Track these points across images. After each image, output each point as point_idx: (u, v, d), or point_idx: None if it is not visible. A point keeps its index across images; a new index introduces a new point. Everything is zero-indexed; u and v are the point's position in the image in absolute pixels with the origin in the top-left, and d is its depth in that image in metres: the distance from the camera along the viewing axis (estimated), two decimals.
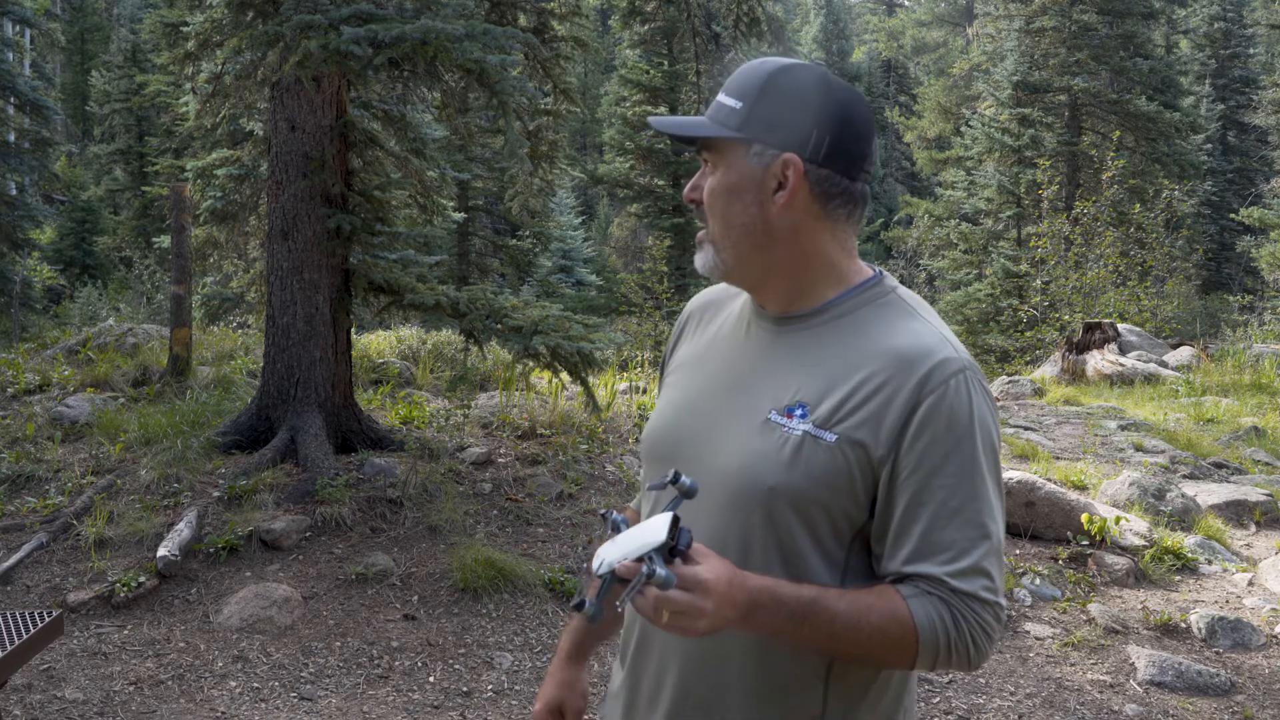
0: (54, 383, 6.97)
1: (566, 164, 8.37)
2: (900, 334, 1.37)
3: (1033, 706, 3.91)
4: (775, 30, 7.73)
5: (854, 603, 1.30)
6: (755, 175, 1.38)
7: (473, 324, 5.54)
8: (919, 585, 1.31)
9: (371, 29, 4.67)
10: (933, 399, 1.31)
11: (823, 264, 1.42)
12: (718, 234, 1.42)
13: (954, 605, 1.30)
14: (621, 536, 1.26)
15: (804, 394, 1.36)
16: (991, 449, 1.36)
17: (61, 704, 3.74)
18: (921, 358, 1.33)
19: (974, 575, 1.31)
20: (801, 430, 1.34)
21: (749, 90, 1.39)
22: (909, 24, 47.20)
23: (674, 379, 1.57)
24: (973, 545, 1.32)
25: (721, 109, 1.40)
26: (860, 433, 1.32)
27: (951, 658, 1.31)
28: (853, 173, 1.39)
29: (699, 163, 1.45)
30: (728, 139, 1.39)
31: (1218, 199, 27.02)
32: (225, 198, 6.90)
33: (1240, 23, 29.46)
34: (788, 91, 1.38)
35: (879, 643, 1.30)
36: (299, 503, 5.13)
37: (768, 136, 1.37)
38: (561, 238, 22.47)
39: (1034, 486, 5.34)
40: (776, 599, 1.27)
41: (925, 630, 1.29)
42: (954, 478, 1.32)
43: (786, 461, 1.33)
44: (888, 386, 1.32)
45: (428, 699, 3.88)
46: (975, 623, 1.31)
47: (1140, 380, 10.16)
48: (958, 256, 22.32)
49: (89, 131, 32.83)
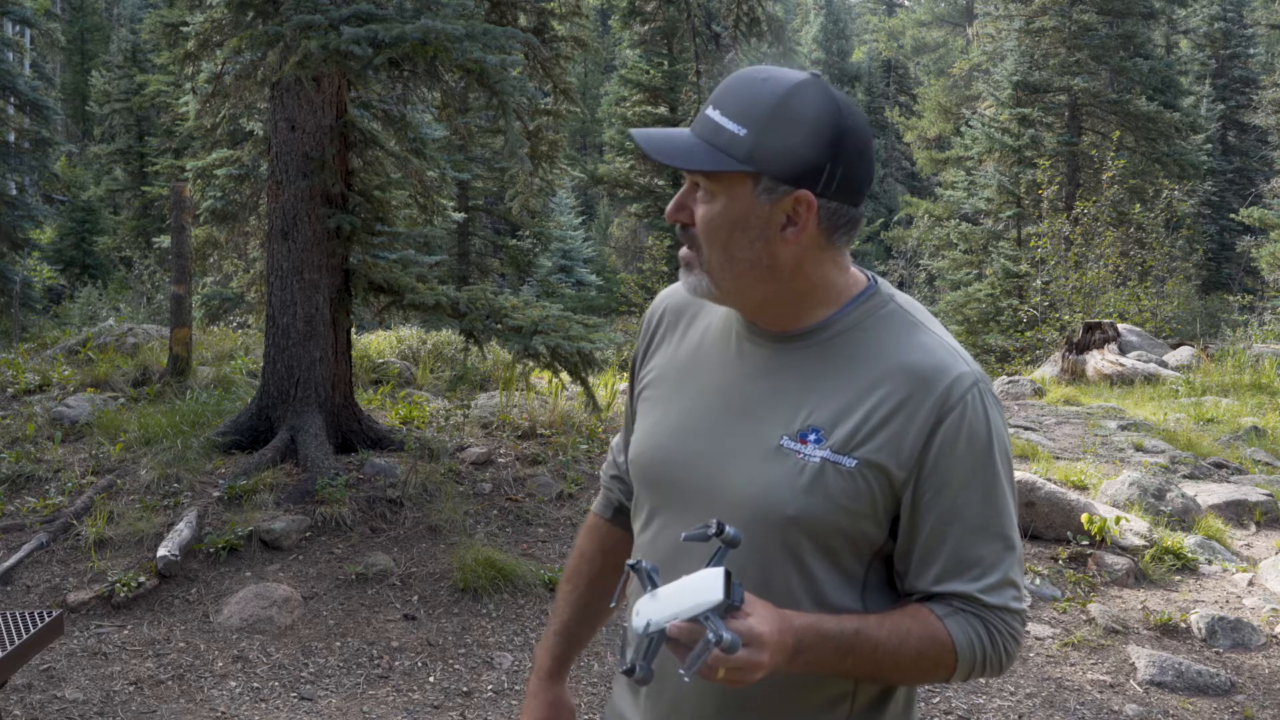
0: (54, 383, 6.97)
1: (566, 164, 8.37)
2: (910, 349, 1.34)
3: (1033, 706, 3.91)
4: (775, 30, 7.73)
5: (894, 629, 1.30)
6: (763, 211, 1.30)
7: (473, 324, 5.54)
8: (952, 604, 1.32)
9: (371, 29, 4.67)
10: (953, 417, 1.30)
11: (824, 287, 1.37)
12: (715, 263, 1.34)
13: (988, 620, 1.32)
14: (663, 592, 1.19)
15: (816, 418, 1.32)
16: (1008, 460, 1.35)
17: (61, 704, 3.74)
18: (936, 375, 1.31)
19: (1004, 588, 1.32)
20: (820, 457, 1.30)
21: (755, 115, 1.28)
22: (909, 24, 47.19)
23: (658, 393, 1.49)
24: (999, 559, 1.33)
25: (722, 133, 1.29)
26: (880, 455, 1.30)
27: (986, 669, 1.34)
28: (859, 200, 1.34)
29: None
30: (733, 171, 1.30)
31: (1218, 199, 27.01)
32: (225, 198, 6.90)
33: (1240, 23, 29.45)
34: (799, 120, 1.28)
35: (919, 665, 1.31)
36: (299, 503, 5.13)
37: (779, 171, 1.29)
38: (561, 238, 22.47)
39: (1034, 486, 5.34)
40: (822, 636, 1.26)
41: (964, 649, 1.31)
42: (979, 495, 1.32)
43: (805, 489, 1.30)
44: (906, 407, 1.30)
45: (428, 699, 3.88)
46: (1007, 633, 1.33)
47: (1140, 380, 10.16)
48: (958, 256, 22.31)
49: (89, 131, 32.83)
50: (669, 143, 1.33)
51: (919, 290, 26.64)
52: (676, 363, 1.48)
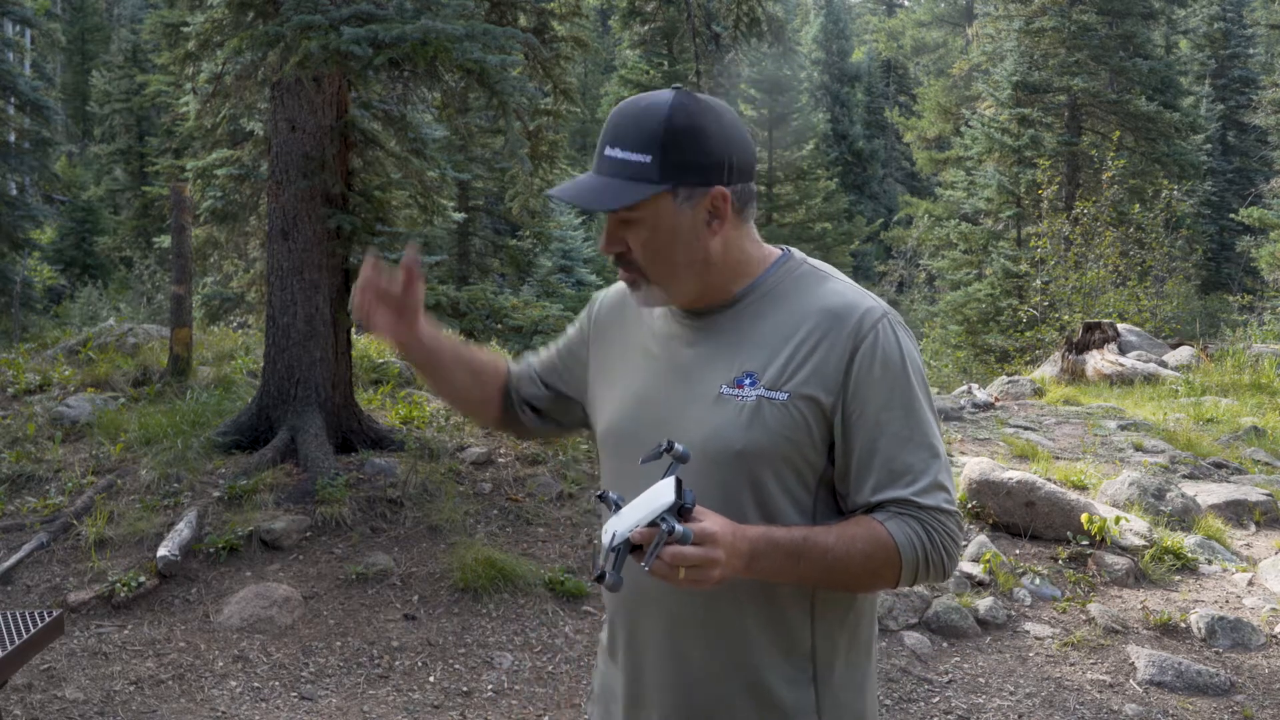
0: (54, 383, 6.97)
1: (566, 164, 8.37)
2: (824, 295, 1.52)
3: (1032, 706, 3.91)
4: (775, 30, 7.72)
5: (840, 535, 1.44)
6: (687, 217, 1.48)
7: (473, 324, 5.55)
8: (890, 510, 1.46)
9: (372, 29, 4.67)
10: (866, 344, 1.47)
11: (744, 261, 1.55)
12: (661, 275, 1.51)
13: (924, 520, 1.46)
14: (626, 509, 1.34)
15: (748, 365, 1.49)
16: (922, 378, 1.51)
17: (62, 704, 3.74)
18: (848, 310, 1.49)
19: (935, 490, 1.47)
20: (755, 395, 1.47)
21: (651, 140, 1.45)
22: (909, 24, 47.17)
23: (613, 375, 1.65)
24: (927, 465, 1.48)
25: (629, 165, 1.46)
26: (808, 387, 1.47)
27: (930, 570, 1.47)
28: (753, 175, 1.54)
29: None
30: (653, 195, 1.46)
31: (1218, 199, 26.99)
32: (225, 198, 6.89)
33: (1240, 23, 29.44)
34: (689, 129, 1.46)
35: (867, 567, 1.45)
36: (299, 503, 5.13)
37: (691, 178, 1.47)
38: (561, 238, 22.43)
39: (1034, 486, 5.34)
40: (773, 543, 1.41)
41: (905, 548, 1.44)
42: (900, 410, 1.48)
43: (745, 424, 1.46)
44: (825, 341, 1.48)
45: (428, 699, 3.88)
46: (943, 532, 1.47)
47: (1140, 380, 10.15)
48: (958, 256, 22.29)
49: (89, 131, 32.83)
50: (588, 191, 1.50)
51: (919, 290, 26.64)
52: (624, 348, 1.66)
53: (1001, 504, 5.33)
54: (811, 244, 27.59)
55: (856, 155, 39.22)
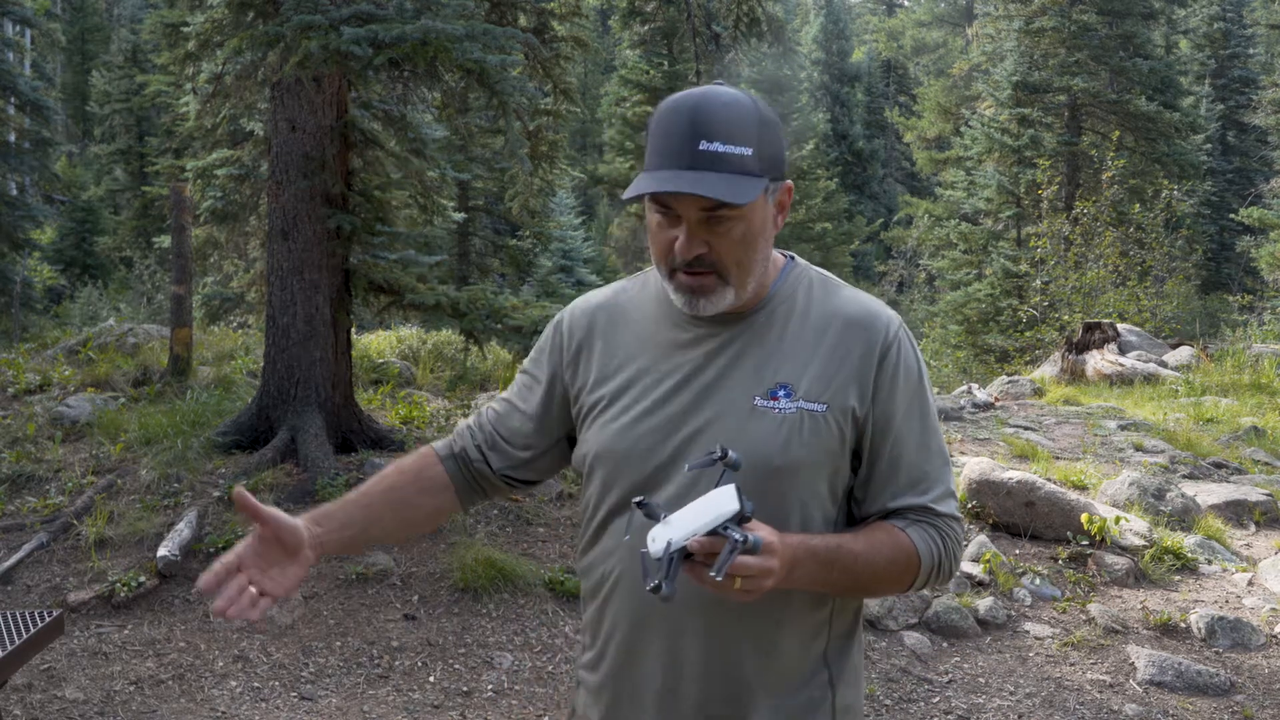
0: (54, 383, 6.97)
1: (566, 164, 8.37)
2: (842, 304, 1.52)
3: (1032, 706, 3.91)
4: (775, 30, 7.72)
5: (869, 542, 1.45)
6: (769, 212, 1.46)
7: (473, 324, 5.54)
8: (909, 517, 1.48)
9: (372, 29, 4.67)
10: (891, 354, 1.49)
11: (771, 261, 1.54)
12: (739, 275, 1.45)
13: (939, 527, 1.49)
14: (676, 517, 1.30)
15: (781, 375, 1.46)
16: (929, 386, 1.55)
17: (62, 704, 3.74)
18: (870, 320, 1.50)
19: (948, 498, 1.51)
20: (795, 408, 1.45)
21: (749, 132, 1.40)
22: (909, 24, 47.19)
23: (610, 396, 1.53)
24: (941, 472, 1.51)
25: (732, 159, 1.38)
26: (843, 396, 1.46)
27: (939, 575, 1.50)
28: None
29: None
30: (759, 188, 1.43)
31: (1217, 199, 26.98)
32: (225, 198, 6.90)
33: (1240, 23, 29.44)
34: (769, 123, 1.44)
35: (890, 573, 1.46)
36: (299, 502, 5.13)
37: (776, 172, 1.45)
38: (561, 238, 22.44)
39: (1034, 486, 5.34)
40: (811, 552, 1.40)
41: (924, 554, 1.46)
42: (918, 418, 1.50)
43: (785, 439, 1.44)
44: (854, 351, 1.48)
45: (428, 699, 3.88)
46: (954, 539, 1.50)
47: (1140, 380, 10.15)
48: (958, 256, 22.27)
49: (89, 131, 32.83)
50: (704, 183, 1.37)
51: (919, 290, 26.63)
52: (617, 364, 1.55)
53: (1001, 504, 5.33)
54: (811, 244, 27.61)
55: (856, 155, 39.25)
